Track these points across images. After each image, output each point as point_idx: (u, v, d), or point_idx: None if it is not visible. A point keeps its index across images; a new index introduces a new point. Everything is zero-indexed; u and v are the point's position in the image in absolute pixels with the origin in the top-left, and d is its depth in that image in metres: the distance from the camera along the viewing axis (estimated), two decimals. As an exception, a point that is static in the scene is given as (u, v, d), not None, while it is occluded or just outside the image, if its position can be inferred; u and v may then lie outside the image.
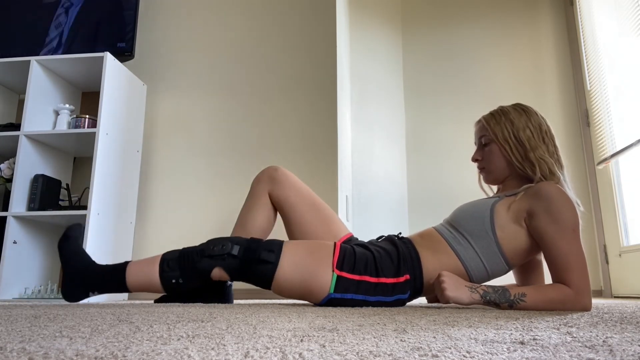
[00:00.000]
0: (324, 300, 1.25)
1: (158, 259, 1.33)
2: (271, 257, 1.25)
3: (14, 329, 0.65)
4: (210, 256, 1.28)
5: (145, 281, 1.32)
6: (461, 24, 3.32)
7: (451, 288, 1.15)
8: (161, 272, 1.30)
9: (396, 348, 0.49)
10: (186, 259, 1.30)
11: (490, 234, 1.25)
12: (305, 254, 1.27)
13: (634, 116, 2.40)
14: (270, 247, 1.27)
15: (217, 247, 1.28)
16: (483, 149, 1.40)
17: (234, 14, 2.69)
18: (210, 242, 1.31)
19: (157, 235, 2.44)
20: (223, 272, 1.28)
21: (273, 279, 1.25)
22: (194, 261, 1.28)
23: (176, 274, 1.29)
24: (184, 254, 1.31)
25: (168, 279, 1.29)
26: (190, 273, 1.29)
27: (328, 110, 2.44)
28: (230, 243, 1.28)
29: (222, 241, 1.30)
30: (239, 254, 1.26)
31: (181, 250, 1.33)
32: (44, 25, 2.56)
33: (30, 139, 2.25)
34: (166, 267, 1.30)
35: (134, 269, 1.33)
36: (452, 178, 3.09)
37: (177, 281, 1.29)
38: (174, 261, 1.30)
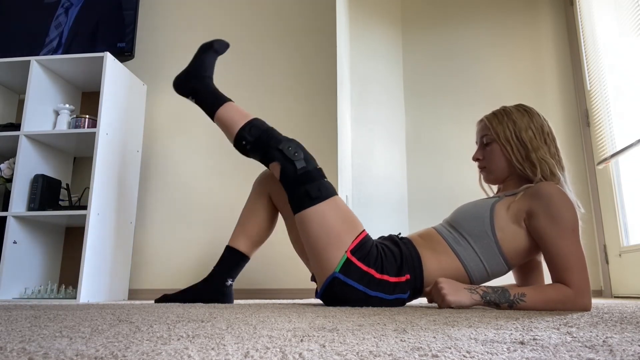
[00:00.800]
0: (328, 279, 1.26)
1: (249, 118, 1.45)
2: (318, 195, 1.31)
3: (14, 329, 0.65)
4: (281, 151, 1.36)
5: (227, 123, 1.46)
6: (461, 24, 3.32)
7: (451, 292, 1.15)
8: (241, 129, 1.42)
9: (396, 348, 0.49)
10: (265, 137, 1.39)
11: (490, 234, 1.25)
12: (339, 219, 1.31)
13: (634, 116, 2.40)
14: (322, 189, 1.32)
15: (291, 149, 1.36)
16: (484, 148, 1.40)
17: (234, 14, 2.69)
18: (292, 141, 1.39)
19: (157, 235, 2.44)
20: (278, 170, 1.36)
21: (307, 208, 1.30)
22: (268, 143, 1.38)
23: (250, 139, 1.41)
24: (267, 132, 1.41)
25: (241, 138, 1.42)
26: (258, 147, 1.40)
27: (328, 110, 2.45)
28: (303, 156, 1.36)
29: (299, 149, 1.37)
30: (299, 170, 1.33)
31: (267, 127, 1.43)
32: (44, 26, 2.56)
33: (30, 139, 2.24)
34: (248, 129, 1.42)
35: (229, 108, 1.48)
36: (452, 178, 3.09)
37: (246, 145, 1.41)
38: (255, 129, 1.41)
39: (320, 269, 1.29)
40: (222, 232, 2.33)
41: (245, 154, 1.45)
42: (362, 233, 1.32)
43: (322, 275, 1.29)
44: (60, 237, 2.44)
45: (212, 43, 1.64)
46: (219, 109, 1.49)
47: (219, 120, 1.49)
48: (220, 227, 2.37)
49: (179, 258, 2.39)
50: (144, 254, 2.42)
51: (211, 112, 1.51)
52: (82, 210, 2.10)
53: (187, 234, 2.42)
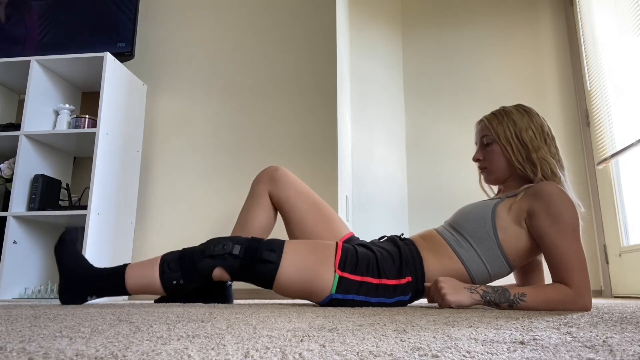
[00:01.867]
0: (325, 300, 1.25)
1: (158, 261, 1.30)
2: (272, 257, 1.24)
3: (14, 329, 0.65)
4: (211, 256, 1.26)
5: (145, 284, 1.30)
6: (461, 24, 3.32)
7: (451, 292, 1.15)
8: (161, 274, 1.28)
9: (396, 348, 0.49)
10: (187, 259, 1.28)
11: (492, 235, 1.24)
12: (307, 253, 1.26)
13: (634, 116, 2.40)
14: (272, 246, 1.26)
15: (217, 247, 1.27)
16: (484, 148, 1.40)
17: (234, 14, 2.69)
18: (211, 242, 1.30)
19: (157, 235, 2.44)
20: (224, 272, 1.27)
21: (275, 279, 1.25)
22: (195, 261, 1.27)
23: (177, 274, 1.27)
24: (185, 254, 1.30)
25: (169, 280, 1.28)
26: (191, 273, 1.28)
27: (328, 110, 2.44)
28: (231, 242, 1.27)
29: (222, 241, 1.29)
30: (240, 254, 1.25)
31: (181, 251, 1.31)
32: (44, 25, 2.55)
33: (30, 139, 2.25)
34: (166, 268, 1.28)
35: (133, 271, 1.30)
36: (452, 178, 3.09)
37: (178, 282, 1.28)
38: (174, 262, 1.28)
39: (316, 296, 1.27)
40: (221, 231, 2.33)
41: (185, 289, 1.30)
42: (338, 246, 1.28)
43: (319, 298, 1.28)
44: (60, 237, 2.44)
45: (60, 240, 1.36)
46: (125, 281, 1.29)
47: (134, 289, 1.30)
48: (220, 226, 2.37)
49: (179, 258, 2.39)
50: (144, 254, 2.42)
51: (121, 290, 1.30)
52: (82, 210, 2.10)
53: (187, 233, 2.42)
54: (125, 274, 1.30)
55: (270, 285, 1.27)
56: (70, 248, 1.35)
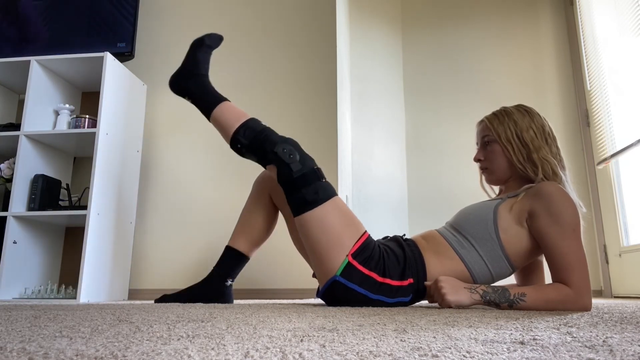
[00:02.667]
0: (329, 281, 1.25)
1: (245, 118, 1.42)
2: (316, 198, 1.28)
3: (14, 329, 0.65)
4: (275, 153, 1.33)
5: (223, 124, 1.43)
6: (461, 24, 3.32)
7: (451, 292, 1.15)
8: (236, 132, 1.40)
9: (396, 348, 0.49)
10: (260, 139, 1.37)
11: (494, 237, 1.24)
12: (340, 221, 1.29)
13: (634, 116, 2.40)
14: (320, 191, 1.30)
15: (286, 151, 1.34)
16: (485, 149, 1.40)
17: (234, 14, 2.69)
18: (288, 143, 1.36)
19: (157, 235, 2.44)
20: (275, 172, 1.35)
21: (304, 213, 1.29)
22: (263, 146, 1.36)
23: (245, 142, 1.38)
24: (262, 133, 1.38)
25: (236, 141, 1.40)
26: (253, 150, 1.38)
27: (328, 110, 2.44)
28: (299, 158, 1.33)
29: (295, 151, 1.34)
30: (295, 174, 1.31)
31: (262, 128, 1.40)
32: (44, 25, 2.55)
33: (30, 139, 2.25)
34: (242, 132, 1.39)
35: (225, 109, 1.45)
36: (452, 178, 3.09)
37: (241, 148, 1.40)
38: (250, 131, 1.39)
39: (321, 271, 1.29)
40: (222, 232, 2.33)
41: (242, 156, 1.43)
42: (364, 235, 1.30)
43: (323, 278, 1.29)
44: (60, 237, 2.44)
45: (203, 38, 1.58)
46: (215, 109, 1.46)
47: (215, 121, 1.46)
48: (220, 227, 2.37)
49: (179, 258, 2.39)
50: (144, 254, 2.42)
51: (207, 112, 1.48)
52: (82, 210, 2.10)
53: (187, 233, 2.41)
54: (218, 105, 1.46)
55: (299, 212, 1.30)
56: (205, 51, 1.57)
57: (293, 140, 1.39)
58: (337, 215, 1.30)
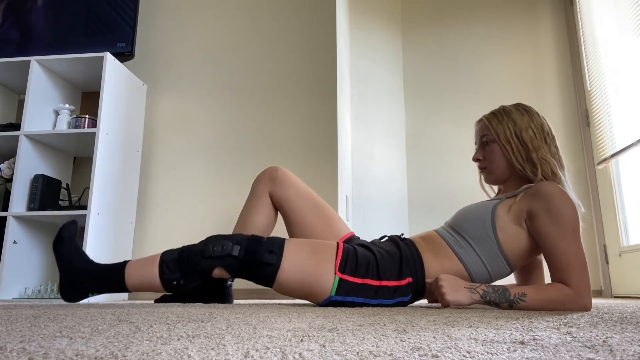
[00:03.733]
0: (325, 301, 1.25)
1: (157, 260, 1.30)
2: (272, 259, 1.23)
3: (14, 329, 0.65)
4: (210, 257, 1.26)
5: (145, 282, 1.30)
6: (461, 24, 3.32)
7: (450, 292, 1.14)
8: (161, 274, 1.28)
9: (396, 348, 0.49)
10: (186, 260, 1.28)
11: (492, 236, 1.24)
12: (307, 254, 1.26)
13: (634, 116, 2.40)
14: (272, 247, 1.25)
15: (217, 248, 1.26)
16: (484, 148, 1.39)
17: (234, 14, 2.69)
18: (210, 242, 1.29)
19: (157, 235, 2.44)
20: (224, 272, 1.28)
21: (275, 280, 1.25)
22: (194, 263, 1.27)
23: (176, 275, 1.27)
24: (183, 254, 1.29)
25: (169, 281, 1.28)
26: (190, 273, 1.28)
27: (328, 110, 2.44)
28: (231, 243, 1.26)
29: (222, 241, 1.28)
30: (239, 255, 1.25)
31: (180, 250, 1.30)
32: (44, 25, 2.55)
33: (30, 139, 2.25)
34: (166, 269, 1.28)
35: (133, 269, 1.30)
36: (452, 178, 3.09)
37: (179, 282, 1.28)
38: (173, 262, 1.28)
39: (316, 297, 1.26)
40: (221, 231, 2.33)
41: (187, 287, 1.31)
42: (339, 247, 1.28)
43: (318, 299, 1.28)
44: (60, 237, 2.44)
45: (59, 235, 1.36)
46: (125, 277, 1.29)
47: (134, 287, 1.30)
48: (220, 226, 2.37)
49: (179, 258, 2.39)
50: (143, 254, 2.42)
51: (121, 287, 1.31)
52: (82, 210, 2.10)
53: (187, 233, 2.41)
54: (125, 271, 1.30)
55: (270, 285, 1.27)
56: (68, 244, 1.35)
57: (210, 236, 1.31)
58: (302, 250, 1.26)
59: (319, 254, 1.26)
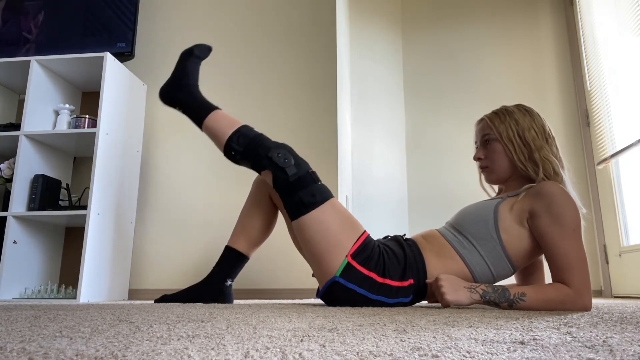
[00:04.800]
0: (328, 282, 1.25)
1: (237, 125, 1.41)
2: (308, 202, 1.28)
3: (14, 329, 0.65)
4: (270, 159, 1.33)
5: (215, 133, 1.42)
6: (461, 24, 3.32)
7: (450, 291, 1.14)
8: (229, 139, 1.39)
9: (396, 348, 0.49)
10: (253, 145, 1.37)
11: (494, 236, 1.24)
12: (338, 221, 1.29)
13: (634, 116, 2.40)
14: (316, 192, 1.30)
15: (281, 156, 1.33)
16: (485, 147, 1.39)
17: (234, 14, 2.69)
18: (281, 148, 1.35)
19: (157, 235, 2.44)
20: (270, 178, 1.35)
21: (297, 219, 1.30)
22: (256, 152, 1.36)
23: (239, 149, 1.38)
24: (255, 140, 1.38)
25: (230, 148, 1.39)
26: (247, 156, 1.38)
27: (328, 110, 2.44)
28: (293, 162, 1.33)
29: (289, 155, 1.34)
30: (291, 177, 1.31)
31: (256, 135, 1.40)
32: (44, 25, 2.55)
33: (30, 139, 2.24)
34: (235, 139, 1.39)
35: (216, 117, 1.44)
36: (452, 178, 3.09)
37: (235, 155, 1.39)
38: (243, 138, 1.38)
39: (321, 272, 1.29)
40: (221, 232, 2.33)
41: (237, 163, 1.42)
42: (363, 235, 1.30)
43: (323, 279, 1.29)
44: (60, 237, 2.44)
45: (192, 49, 1.58)
46: (206, 118, 1.45)
47: (207, 130, 1.45)
48: (220, 227, 2.37)
49: (179, 258, 2.39)
50: (144, 254, 2.42)
51: (199, 122, 1.47)
52: (82, 210, 2.10)
53: (187, 234, 2.41)
54: (210, 114, 1.45)
55: (296, 216, 1.31)
56: (194, 62, 1.57)
57: (287, 145, 1.39)
58: (335, 216, 1.30)
59: (345, 229, 1.29)
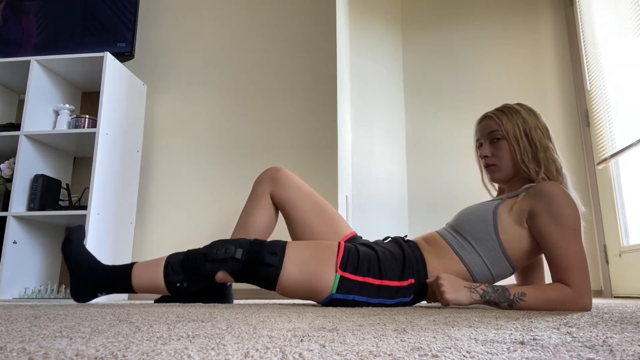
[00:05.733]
0: (326, 299, 1.25)
1: (163, 262, 1.33)
2: (274, 260, 1.24)
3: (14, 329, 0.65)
4: (214, 260, 1.28)
5: (150, 284, 1.33)
6: (461, 24, 3.32)
7: (450, 290, 1.14)
8: (165, 276, 1.31)
9: (396, 348, 0.49)
10: (190, 263, 1.30)
11: (494, 237, 1.24)
12: (308, 255, 1.27)
13: (634, 116, 2.40)
14: (274, 249, 1.27)
15: (220, 251, 1.28)
16: (493, 145, 1.36)
17: (234, 15, 2.69)
18: (214, 245, 1.31)
19: (157, 235, 2.44)
20: (227, 275, 1.29)
21: (277, 281, 1.25)
22: (198, 265, 1.29)
23: (180, 277, 1.30)
24: (188, 258, 1.31)
25: (173, 283, 1.31)
26: (194, 276, 1.30)
27: (328, 110, 2.44)
28: (234, 246, 1.28)
29: (225, 244, 1.30)
30: (242, 258, 1.26)
31: (185, 254, 1.33)
32: (44, 25, 2.55)
33: (30, 139, 2.24)
34: (170, 271, 1.30)
35: (139, 271, 1.34)
36: (452, 178, 3.09)
37: (182, 284, 1.30)
38: (177, 265, 1.31)
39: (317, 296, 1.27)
40: (222, 232, 2.33)
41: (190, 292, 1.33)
42: (340, 246, 1.28)
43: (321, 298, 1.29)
44: (60, 237, 2.44)
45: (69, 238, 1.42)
46: (132, 278, 1.33)
47: (140, 288, 1.34)
48: (220, 227, 2.37)
49: (179, 258, 2.39)
50: (144, 254, 2.42)
51: (128, 288, 1.34)
52: (82, 210, 2.10)
53: (187, 234, 2.41)
54: (132, 273, 1.33)
55: (273, 288, 1.28)
56: (77, 246, 1.40)
57: (215, 240, 1.34)
58: (304, 251, 1.28)
59: (320, 254, 1.27)
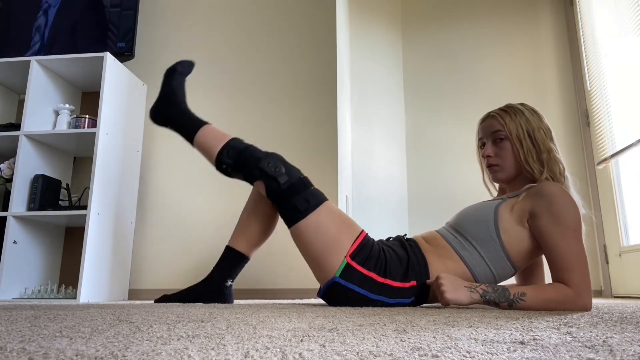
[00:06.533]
0: (328, 282, 1.26)
1: (227, 139, 1.43)
2: (302, 207, 1.30)
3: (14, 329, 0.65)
4: (261, 169, 1.35)
5: (207, 147, 1.44)
6: (461, 24, 3.32)
7: (450, 290, 1.14)
8: (220, 153, 1.41)
9: (396, 348, 0.49)
10: (243, 157, 1.39)
11: (495, 237, 1.24)
12: (334, 224, 1.31)
13: (634, 116, 2.40)
14: (310, 197, 1.32)
15: (271, 165, 1.35)
16: (497, 145, 1.36)
17: (234, 15, 2.69)
18: (271, 159, 1.37)
19: (157, 235, 2.44)
20: (263, 188, 1.37)
21: (294, 225, 1.32)
22: (248, 165, 1.37)
23: (229, 162, 1.40)
24: (245, 151, 1.39)
25: (221, 162, 1.42)
26: (239, 170, 1.40)
27: (328, 110, 2.44)
28: (284, 169, 1.35)
29: (279, 164, 1.36)
30: (283, 185, 1.33)
31: (246, 147, 1.41)
32: (44, 25, 2.55)
33: (30, 139, 2.24)
34: (226, 152, 1.41)
35: (206, 132, 1.46)
36: (452, 178, 3.09)
37: (227, 169, 1.41)
38: (233, 152, 1.40)
39: (320, 274, 1.29)
40: (222, 232, 2.33)
41: (229, 176, 1.44)
42: (361, 235, 1.31)
43: (323, 280, 1.29)
44: (60, 237, 2.44)
45: (175, 67, 1.60)
46: (197, 134, 1.46)
47: (198, 145, 1.47)
48: (220, 227, 2.37)
49: (179, 258, 2.39)
50: (144, 254, 2.42)
51: (189, 137, 1.49)
52: (82, 210, 2.10)
53: (187, 234, 2.41)
54: (200, 129, 1.47)
55: (289, 226, 1.34)
56: (179, 79, 1.57)
57: (276, 154, 1.41)
58: (331, 218, 1.31)
59: (343, 230, 1.30)
